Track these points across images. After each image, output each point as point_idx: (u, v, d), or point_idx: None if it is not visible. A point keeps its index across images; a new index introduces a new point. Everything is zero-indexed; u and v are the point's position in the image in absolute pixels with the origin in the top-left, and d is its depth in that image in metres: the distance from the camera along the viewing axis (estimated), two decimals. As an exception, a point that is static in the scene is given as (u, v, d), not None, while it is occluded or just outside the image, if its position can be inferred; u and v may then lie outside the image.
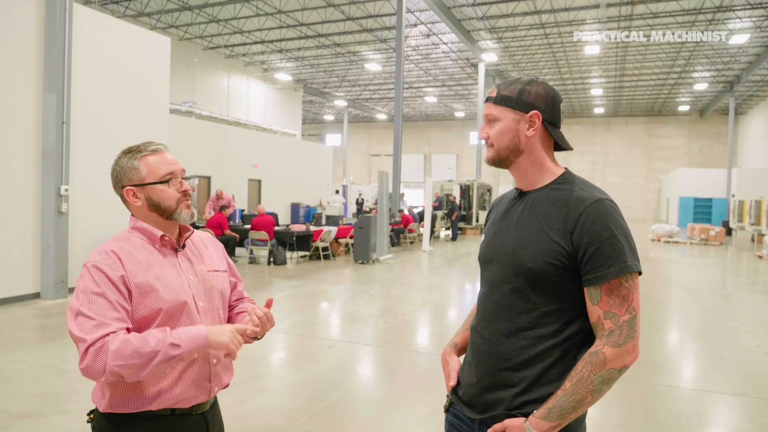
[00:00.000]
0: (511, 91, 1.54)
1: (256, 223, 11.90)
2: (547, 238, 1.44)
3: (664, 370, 5.36)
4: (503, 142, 1.54)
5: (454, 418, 1.65)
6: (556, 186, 1.52)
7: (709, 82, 28.54)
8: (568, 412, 1.37)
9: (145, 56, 9.41)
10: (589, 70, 27.50)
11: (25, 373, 4.79)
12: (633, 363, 1.40)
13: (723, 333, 7.01)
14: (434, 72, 29.05)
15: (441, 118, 43.57)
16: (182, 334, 1.48)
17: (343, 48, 25.04)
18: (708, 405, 4.60)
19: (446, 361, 1.74)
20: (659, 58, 24.38)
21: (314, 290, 9.35)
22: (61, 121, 7.65)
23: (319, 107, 40.67)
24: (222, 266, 1.81)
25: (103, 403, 1.56)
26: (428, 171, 43.61)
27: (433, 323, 7.46)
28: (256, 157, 20.63)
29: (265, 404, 4.26)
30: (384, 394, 4.68)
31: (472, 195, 22.59)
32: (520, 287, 1.48)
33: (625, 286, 1.39)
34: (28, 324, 6.58)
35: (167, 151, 1.70)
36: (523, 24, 20.75)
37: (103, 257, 1.53)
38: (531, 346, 1.46)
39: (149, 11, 20.34)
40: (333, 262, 13.02)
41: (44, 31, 7.69)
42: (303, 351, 5.80)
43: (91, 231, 8.35)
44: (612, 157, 39.36)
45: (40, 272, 7.77)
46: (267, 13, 20.61)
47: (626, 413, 4.22)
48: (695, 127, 37.83)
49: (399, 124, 16.58)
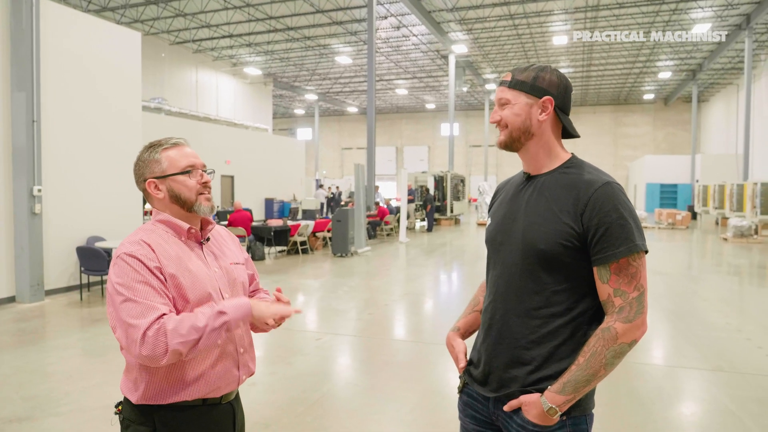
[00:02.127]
0: (526, 76, 1.59)
1: (233, 219, 11.81)
2: (558, 219, 1.50)
3: (643, 349, 5.55)
4: (516, 123, 1.59)
5: (468, 397, 1.71)
6: (564, 170, 1.58)
7: (673, 71, 29.26)
8: (582, 386, 1.44)
9: (116, 51, 9.22)
10: (558, 61, 27.90)
11: (9, 378, 4.71)
12: (642, 337, 1.47)
13: (694, 313, 7.27)
14: (405, 64, 29.10)
15: (412, 110, 43.67)
16: (227, 304, 1.55)
17: (312, 41, 24.88)
18: (687, 381, 4.79)
19: (451, 346, 1.80)
20: (625, 47, 24.87)
21: (295, 284, 9.35)
22: (31, 119, 7.47)
23: (290, 101, 40.36)
24: (241, 259, 1.85)
25: (135, 395, 1.58)
26: (401, 163, 43.72)
27: (414, 313, 7.55)
28: (227, 153, 20.40)
29: (258, 398, 4.29)
30: (374, 384, 4.74)
31: (445, 186, 22.75)
32: (531, 268, 1.53)
33: (633, 265, 1.45)
34: (6, 328, 6.43)
35: (187, 145, 1.73)
36: (492, 15, 20.93)
37: (137, 247, 1.55)
38: (543, 325, 1.52)
39: (113, 6, 19.88)
40: (311, 256, 13.01)
41: (10, 28, 7.48)
42: (290, 345, 5.83)
43: (66, 231, 8.19)
44: (581, 146, 39.99)
45: (15, 275, 7.59)
46: (235, 6, 20.35)
47: (611, 392, 4.37)
48: (660, 114, 38.75)
49: (372, 117, 16.60)
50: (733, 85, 30.43)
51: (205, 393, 1.61)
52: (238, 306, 1.55)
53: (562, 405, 1.45)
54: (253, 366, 1.80)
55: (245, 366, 1.73)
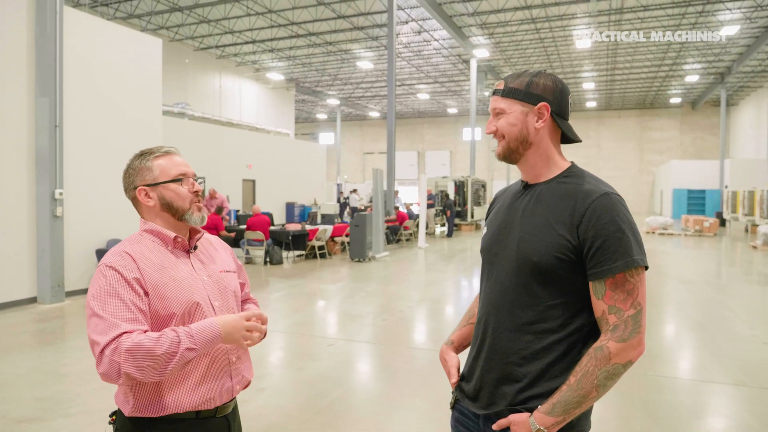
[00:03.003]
0: (519, 83, 1.53)
1: (251, 223, 11.88)
2: (553, 231, 1.43)
3: (661, 360, 5.40)
4: (513, 133, 1.53)
5: (459, 414, 1.65)
6: (562, 179, 1.52)
7: (701, 74, 28.67)
8: (572, 407, 1.37)
9: (137, 58, 9.37)
10: (581, 64, 27.57)
11: (24, 378, 4.78)
12: (638, 358, 1.39)
13: (719, 323, 7.06)
14: (426, 69, 29.05)
15: (434, 114, 43.57)
16: (197, 336, 1.47)
17: (334, 46, 24.99)
18: (706, 395, 4.64)
19: (444, 359, 1.74)
20: (650, 51, 24.45)
21: (311, 289, 9.35)
22: (54, 124, 7.61)
23: (312, 106, 40.60)
24: (232, 267, 1.83)
25: (127, 407, 1.56)
26: (422, 168, 43.62)
27: (430, 320, 7.48)
28: (249, 158, 20.57)
29: (266, 403, 4.27)
30: (384, 391, 4.69)
31: (466, 191, 22.61)
32: (524, 281, 1.47)
33: (630, 281, 1.38)
34: (26, 329, 6.55)
35: (178, 154, 1.73)
36: (514, 19, 20.78)
37: (117, 258, 1.54)
38: (535, 341, 1.45)
39: (139, 13, 20.23)
40: (329, 260, 13.02)
41: (35, 35, 7.65)
42: (302, 350, 5.81)
43: (86, 234, 8.32)
44: (605, 151, 39.50)
45: (36, 276, 7.73)
46: (258, 12, 20.54)
47: (625, 405, 4.25)
48: (687, 119, 38.01)
49: (392, 122, 16.58)
50: (763, 88, 29.69)
51: (196, 405, 1.58)
52: (209, 339, 1.49)
53: (551, 427, 1.38)
54: (249, 375, 1.76)
55: (239, 376, 1.69)
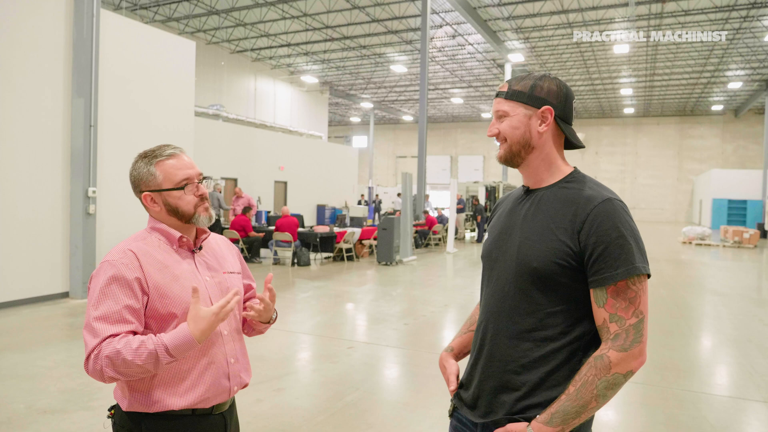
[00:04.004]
0: (523, 86, 1.51)
1: (280, 225, 12.00)
2: (554, 237, 1.41)
3: (689, 375, 5.22)
4: (515, 136, 1.51)
5: (457, 422, 1.63)
6: (564, 184, 1.49)
7: (744, 81, 27.78)
8: (571, 418, 1.34)
9: (171, 60, 9.58)
10: (619, 70, 27.03)
11: (51, 370, 4.91)
12: (639, 368, 1.36)
13: (754, 339, 6.80)
14: (460, 73, 28.92)
15: (467, 119, 43.33)
16: (175, 351, 1.47)
17: (368, 50, 25.11)
18: (734, 412, 4.46)
19: (443, 366, 1.72)
20: (691, 56, 23.83)
21: (337, 291, 9.38)
22: (89, 124, 7.83)
23: (345, 109, 40.84)
24: (237, 268, 1.83)
25: (125, 403, 1.59)
26: (454, 173, 43.42)
27: (454, 325, 7.41)
28: (282, 159, 20.82)
29: (281, 403, 4.29)
30: (400, 396, 4.66)
31: (497, 196, 22.41)
32: (524, 287, 1.44)
33: (632, 289, 1.35)
34: (57, 322, 6.74)
35: (183, 154, 1.70)
36: (550, 24, 20.51)
37: (120, 255, 1.55)
38: (535, 348, 1.43)
39: (177, 16, 20.71)
40: (356, 263, 13.05)
41: (72, 37, 7.89)
42: (323, 352, 5.82)
43: (117, 232, 8.53)
44: (643, 158, 38.60)
45: (69, 272, 7.96)
46: (293, 16, 20.79)
47: (648, 419, 4.12)
48: (729, 127, 36.86)
49: (423, 126, 16.54)
50: (811, 96, 28.60)
51: (192, 403, 1.59)
52: (184, 349, 1.48)
53: None
54: (247, 377, 1.76)
55: (236, 376, 1.70)
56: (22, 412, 3.95)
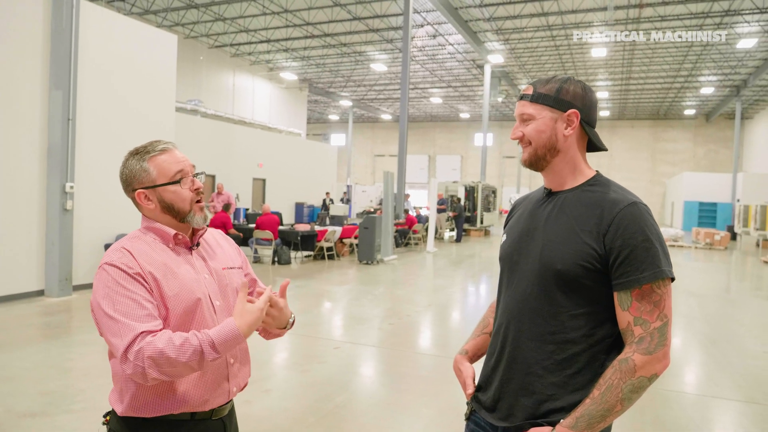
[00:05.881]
0: (549, 89, 1.50)
1: (260, 222, 11.87)
2: (578, 239, 1.40)
3: (671, 375, 5.31)
4: (541, 140, 1.50)
5: (475, 425, 1.61)
6: (588, 188, 1.49)
7: (716, 87, 28.42)
8: (596, 422, 1.33)
9: (152, 54, 9.39)
10: (596, 73, 27.41)
11: (29, 372, 4.77)
12: (663, 371, 1.36)
13: (730, 338, 6.95)
14: (440, 73, 29.00)
15: (446, 119, 43.50)
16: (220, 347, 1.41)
17: (349, 48, 25.00)
18: (716, 411, 4.55)
19: (459, 370, 1.70)
20: (666, 61, 24.28)
21: (319, 290, 9.31)
22: (66, 118, 7.63)
23: (324, 107, 40.66)
24: (237, 263, 1.78)
25: (120, 407, 1.52)
26: (432, 172, 43.55)
27: (437, 325, 7.42)
28: (260, 156, 20.60)
29: (271, 405, 4.23)
30: (390, 397, 4.64)
31: (476, 196, 22.51)
32: (547, 289, 1.44)
33: (657, 293, 1.36)
34: (33, 321, 6.56)
35: (176, 149, 1.65)
36: (530, 26, 20.69)
37: (118, 255, 1.50)
38: (557, 351, 1.42)
39: (155, 9, 20.34)
40: (337, 262, 12.99)
41: (51, 28, 7.67)
42: (308, 352, 5.77)
43: (95, 229, 8.33)
44: (617, 161, 39.22)
45: (45, 269, 7.74)
46: (273, 12, 20.59)
47: (635, 420, 4.17)
48: (701, 131, 37.70)
49: (404, 125, 16.53)
50: (779, 102, 29.41)
51: (192, 407, 1.54)
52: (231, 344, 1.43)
53: None
54: (244, 377, 1.72)
55: (236, 378, 1.66)
56: (2, 416, 3.82)
